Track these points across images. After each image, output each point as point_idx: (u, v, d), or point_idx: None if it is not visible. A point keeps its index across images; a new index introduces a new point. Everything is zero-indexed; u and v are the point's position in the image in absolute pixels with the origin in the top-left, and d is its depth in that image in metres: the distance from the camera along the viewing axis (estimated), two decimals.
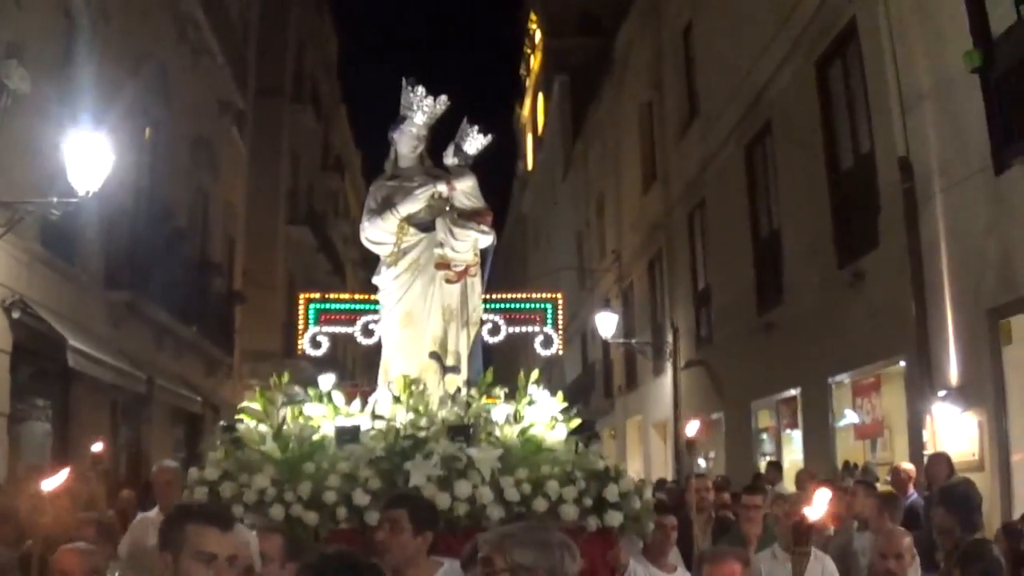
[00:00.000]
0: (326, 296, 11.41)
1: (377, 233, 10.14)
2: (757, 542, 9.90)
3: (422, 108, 10.25)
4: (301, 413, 9.15)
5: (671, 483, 21.71)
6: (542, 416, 9.18)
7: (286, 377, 9.22)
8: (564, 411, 9.31)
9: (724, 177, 25.18)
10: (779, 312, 21.22)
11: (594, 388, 41.94)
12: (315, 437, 8.89)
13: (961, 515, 8.58)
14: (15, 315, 16.62)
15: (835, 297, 18.07)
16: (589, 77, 45.61)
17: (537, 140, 68.24)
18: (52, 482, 7.64)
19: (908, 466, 13.48)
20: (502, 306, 11.23)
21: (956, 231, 14.54)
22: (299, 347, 10.97)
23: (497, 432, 8.93)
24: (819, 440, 19.43)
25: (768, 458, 21.66)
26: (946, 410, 14.38)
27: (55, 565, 6.47)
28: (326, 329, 10.84)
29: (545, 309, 11.34)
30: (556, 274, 47.70)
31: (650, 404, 34.06)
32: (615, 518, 8.51)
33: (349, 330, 10.85)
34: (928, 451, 14.26)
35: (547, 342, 11.12)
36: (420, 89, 10.23)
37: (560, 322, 11.34)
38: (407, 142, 10.32)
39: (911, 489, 12.69)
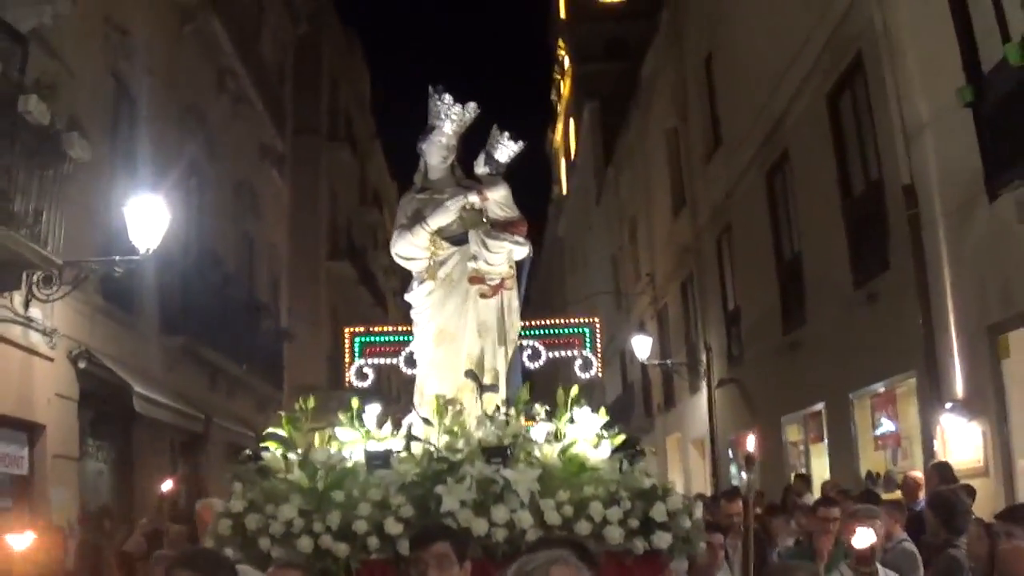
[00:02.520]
0: (370, 329, 11.33)
1: (408, 248, 9.93)
2: (830, 557, 9.36)
3: (450, 116, 10.00)
4: (331, 438, 9.07)
5: (708, 498, 22.38)
6: (584, 434, 8.89)
7: (311, 402, 9.01)
8: (607, 428, 9.04)
9: (748, 203, 26.06)
10: (803, 331, 22.10)
11: (634, 407, 42.52)
12: (346, 464, 8.65)
13: (945, 519, 9.60)
14: (81, 365, 17.72)
15: (852, 317, 18.98)
16: (618, 103, 46.28)
17: (570, 165, 68.84)
18: (20, 542, 7.72)
19: (917, 474, 14.41)
20: (541, 332, 11.16)
21: (957, 254, 15.47)
22: (346, 379, 10.90)
23: (537, 452, 8.68)
24: (843, 452, 20.26)
25: (800, 471, 22.57)
26: (953, 421, 15.31)
27: None
28: (371, 361, 10.80)
29: (584, 333, 11.30)
30: (593, 298, 48.45)
31: (688, 421, 34.83)
32: (663, 539, 8.11)
33: (393, 361, 10.70)
34: (939, 459, 15.01)
35: (586, 365, 11.00)
36: (448, 97, 9.96)
37: (599, 345, 11.33)
38: (436, 152, 10.10)
39: (920, 496, 13.56)
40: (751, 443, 15.04)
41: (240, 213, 29.41)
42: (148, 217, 15.58)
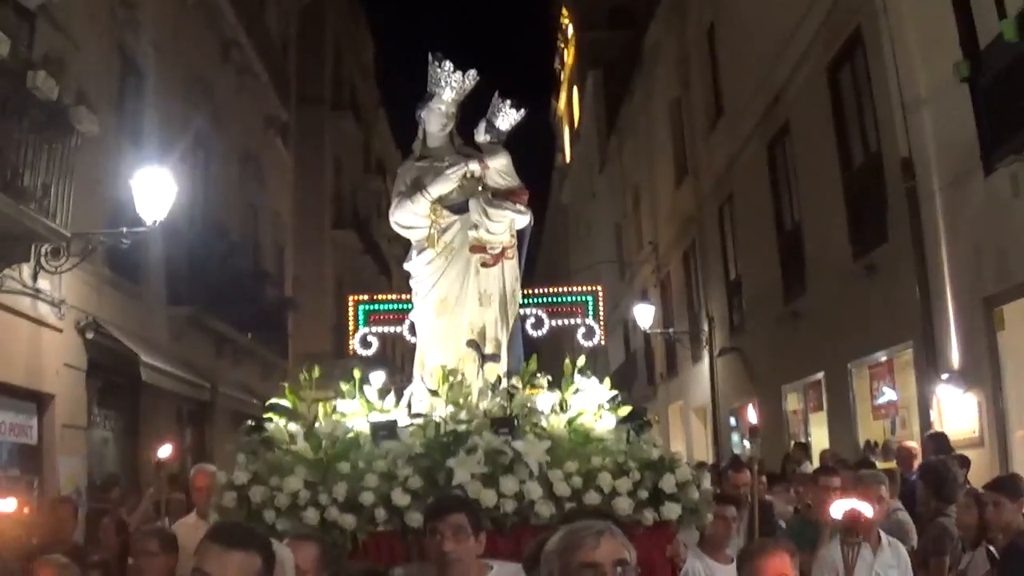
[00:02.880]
0: (374, 297, 11.30)
1: (408, 216, 9.80)
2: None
3: (450, 84, 9.84)
4: (334, 410, 8.97)
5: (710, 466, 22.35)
6: (589, 404, 8.85)
7: (316, 372, 9.00)
8: (611, 399, 8.99)
9: (749, 173, 26.26)
10: (803, 301, 22.31)
11: (637, 375, 42.76)
12: (349, 435, 8.60)
13: (935, 489, 9.83)
14: (89, 335, 17.99)
15: (851, 288, 19.17)
16: (621, 71, 46.15)
17: (574, 133, 68.69)
18: (4, 506, 7.78)
19: (911, 444, 14.69)
20: (544, 300, 11.08)
21: (954, 227, 15.69)
22: (350, 347, 10.90)
23: (543, 423, 8.61)
24: (842, 421, 20.50)
25: (800, 440, 22.79)
26: (949, 391, 15.58)
27: None
28: (375, 329, 10.76)
29: (586, 302, 11.26)
30: (597, 266, 48.46)
31: (690, 390, 35.14)
32: (673, 510, 8.06)
33: (397, 329, 10.67)
34: (935, 430, 15.33)
35: (589, 333, 10.92)
36: (448, 64, 9.80)
37: (601, 313, 11.28)
38: (436, 120, 9.94)
39: (915, 466, 13.75)
40: (752, 415, 15.20)
41: (245, 183, 29.56)
42: (155, 189, 15.77)
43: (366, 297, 11.31)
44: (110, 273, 19.17)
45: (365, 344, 10.80)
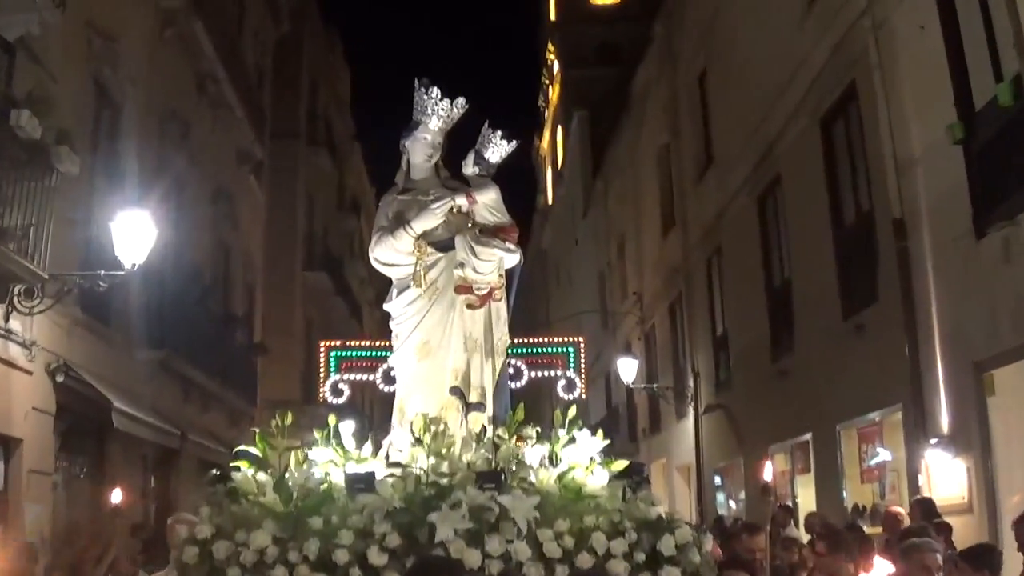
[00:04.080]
0: (347, 343, 11.13)
1: (388, 254, 9.61)
2: None
3: (437, 112, 9.70)
4: (306, 459, 8.76)
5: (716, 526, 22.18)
6: (581, 458, 8.67)
7: (289, 418, 8.80)
8: (604, 451, 8.84)
9: (739, 225, 26.74)
10: (791, 359, 22.79)
11: (618, 431, 42.35)
12: (323, 486, 8.35)
13: None
14: (59, 378, 18.28)
15: (841, 347, 19.67)
16: (608, 111, 46.81)
17: (557, 174, 68.91)
18: None
19: (898, 509, 15.16)
20: (524, 350, 10.94)
21: (945, 289, 16.20)
22: (320, 395, 10.74)
23: (532, 477, 8.41)
24: (830, 484, 20.89)
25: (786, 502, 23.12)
26: (938, 456, 16.01)
27: None
28: (347, 376, 10.62)
29: (568, 353, 11.13)
30: (578, 316, 48.88)
31: (674, 447, 35.45)
32: (672, 575, 7.82)
33: (370, 377, 10.56)
34: (924, 495, 15.74)
35: (570, 386, 10.76)
36: (435, 90, 9.67)
37: (583, 365, 11.17)
38: (421, 150, 9.79)
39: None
40: (768, 471, 15.24)
41: (218, 222, 29.97)
42: (134, 232, 16.27)
43: (338, 343, 11.13)
44: (81, 315, 19.45)
45: (336, 392, 10.64)
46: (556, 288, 65.94)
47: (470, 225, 9.73)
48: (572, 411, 8.92)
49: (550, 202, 72.73)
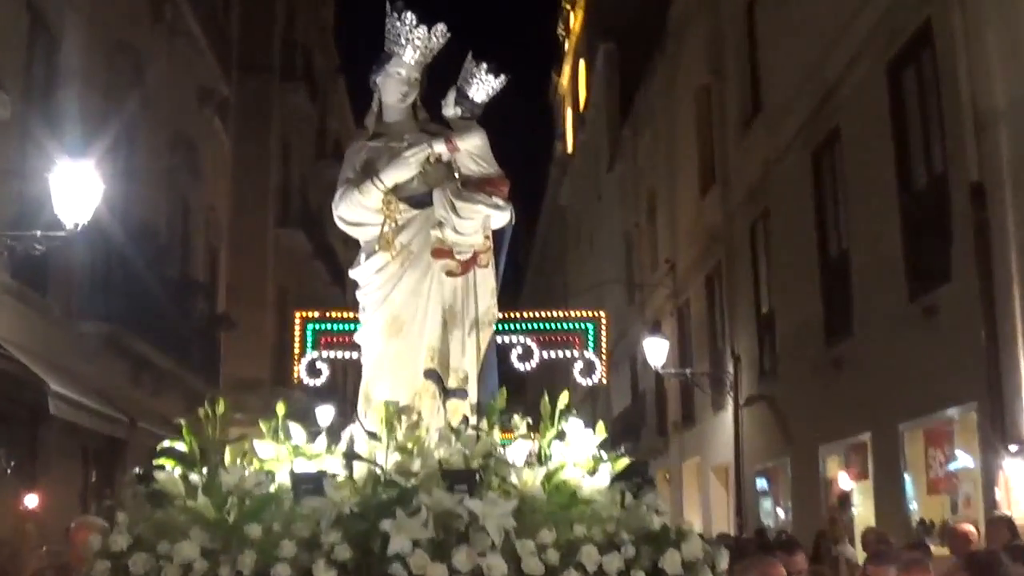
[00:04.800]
0: (326, 315, 11.07)
1: (354, 210, 9.26)
2: None
3: (413, 41, 9.30)
4: (246, 455, 8.33)
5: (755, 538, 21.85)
6: (577, 455, 8.20)
7: (222, 406, 8.25)
8: (606, 448, 8.37)
9: (790, 185, 26.63)
10: (848, 346, 22.72)
11: (645, 423, 43.21)
12: (265, 489, 7.93)
13: None
14: None
15: (906, 333, 19.56)
16: (639, 44, 46.33)
17: (578, 118, 68.45)
18: None
19: (968, 527, 14.68)
20: (534, 326, 10.82)
21: None
22: (295, 375, 10.68)
23: (514, 477, 7.90)
24: (891, 494, 20.81)
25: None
26: (1018, 466, 15.92)
27: None
28: (326, 354, 10.58)
29: (586, 330, 10.98)
30: (600, 287, 48.87)
31: (710, 444, 35.32)
32: None
33: (354, 355, 10.12)
34: (1000, 511, 15.55)
35: (588, 369, 10.66)
36: (410, 16, 9.25)
37: (604, 346, 11.00)
38: (394, 88, 9.40)
39: None
40: (844, 479, 14.88)
41: (176, 172, 30.09)
42: (77, 187, 16.25)
43: (316, 314, 11.11)
44: (11, 281, 19.57)
45: (313, 372, 10.61)
46: (575, 252, 65.78)
47: (452, 177, 9.37)
48: (564, 397, 8.41)
49: (570, 151, 72.36)
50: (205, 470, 8.01)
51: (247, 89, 38.97)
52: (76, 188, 16.30)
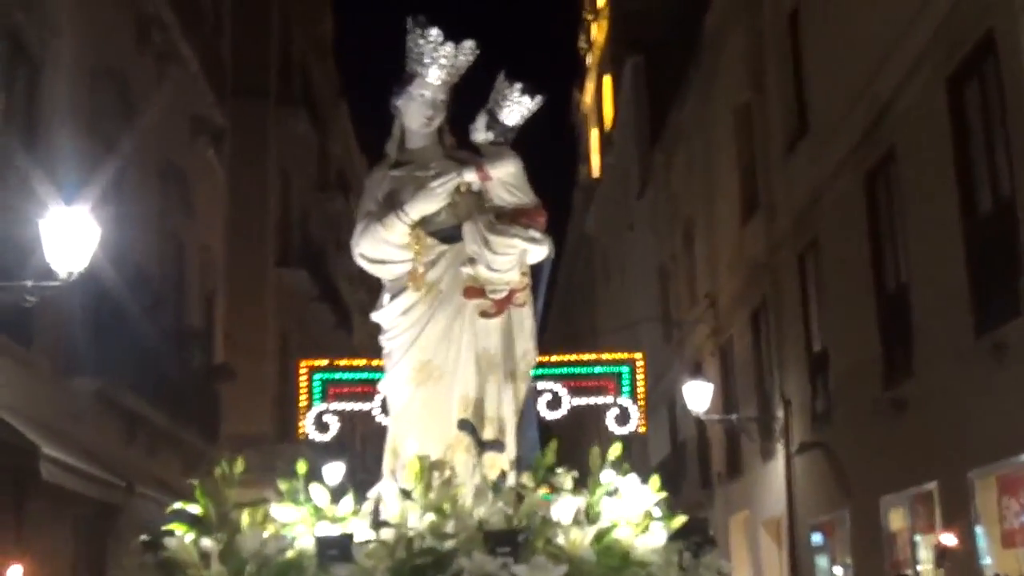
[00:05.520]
0: (334, 363, 11.39)
1: (378, 247, 9.41)
2: None
3: (438, 60, 9.41)
4: (266, 518, 8.56)
5: None
6: (630, 512, 8.46)
7: (240, 465, 8.61)
8: (661, 504, 8.70)
9: (841, 212, 26.70)
10: (910, 386, 22.73)
11: (686, 475, 43.11)
12: (287, 554, 8.11)
13: None
14: None
15: (973, 372, 19.62)
16: (671, 58, 46.29)
17: (604, 138, 68.45)
18: None
19: None
20: (563, 371, 11.05)
21: None
22: (300, 429, 10.99)
23: (561, 538, 8.04)
24: (961, 547, 20.49)
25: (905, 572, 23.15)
26: None
27: None
28: (334, 406, 10.80)
29: (620, 374, 11.26)
30: (634, 326, 48.75)
31: (759, 497, 35.33)
32: None
33: (365, 406, 10.72)
34: None
35: (623, 417, 11.06)
36: (434, 32, 9.37)
37: (640, 391, 11.27)
38: (418, 112, 9.55)
39: None
40: (948, 537, 14.89)
41: (167, 209, 30.18)
42: (71, 232, 16.30)
43: (324, 363, 11.43)
44: None
45: (321, 426, 10.93)
46: (605, 288, 65.75)
47: (484, 208, 9.50)
48: (616, 449, 8.73)
49: (596, 174, 72.32)
50: (219, 535, 8.22)
51: (242, 115, 38.79)
52: (70, 234, 16.31)
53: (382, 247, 9.37)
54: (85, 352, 22.98)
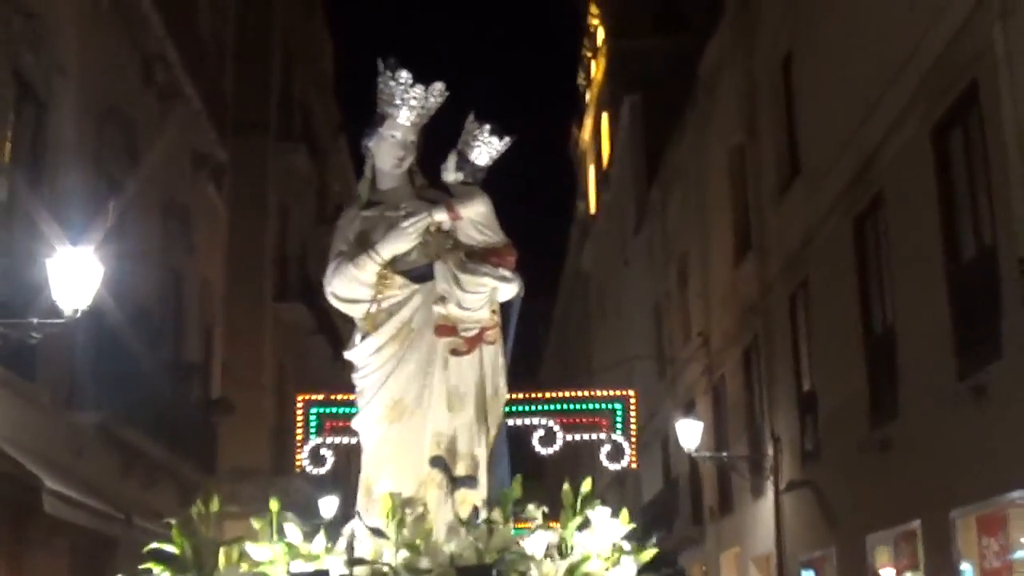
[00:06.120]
0: (331, 398, 11.57)
1: (349, 287, 9.57)
2: None
3: (408, 102, 9.58)
4: (241, 556, 8.64)
5: None
6: (601, 546, 8.59)
7: (215, 505, 8.75)
8: (632, 538, 8.83)
9: (831, 254, 27.11)
10: (896, 427, 23.03)
11: (679, 511, 43.37)
12: None
13: None
14: None
15: (956, 413, 19.94)
16: (668, 97, 46.89)
17: (601, 175, 69.05)
18: None
19: None
20: (557, 407, 11.38)
21: None
22: (297, 463, 10.79)
23: (534, 572, 8.32)
24: None
25: None
26: None
27: None
28: (331, 440, 10.84)
29: (614, 410, 11.40)
30: (629, 363, 49.01)
31: (749, 533, 35.65)
32: None
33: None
34: None
35: (616, 453, 10.83)
36: (404, 75, 9.52)
37: (633, 427, 11.17)
38: (389, 152, 9.73)
39: None
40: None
41: (169, 245, 30.50)
42: (76, 271, 16.60)
43: (320, 397, 11.58)
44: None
45: (317, 460, 11.09)
46: (600, 323, 66.15)
47: (452, 247, 9.65)
48: (587, 484, 8.84)
49: (592, 211, 72.86)
50: (195, 574, 8.42)
51: (242, 151, 39.06)
52: (75, 273, 16.59)
53: (354, 286, 9.54)
54: (87, 386, 23.21)
